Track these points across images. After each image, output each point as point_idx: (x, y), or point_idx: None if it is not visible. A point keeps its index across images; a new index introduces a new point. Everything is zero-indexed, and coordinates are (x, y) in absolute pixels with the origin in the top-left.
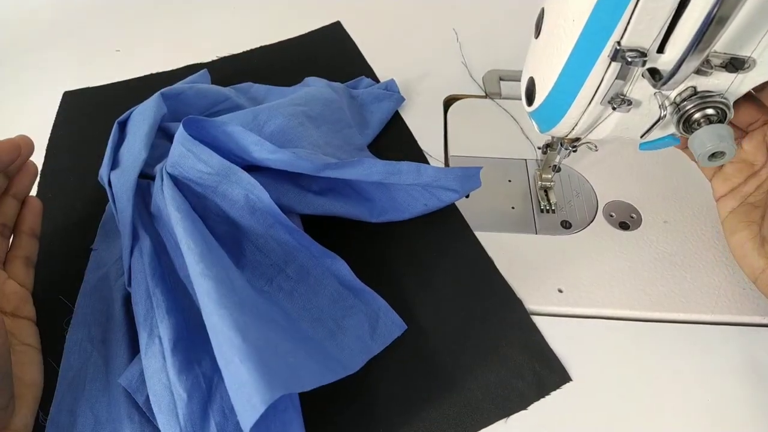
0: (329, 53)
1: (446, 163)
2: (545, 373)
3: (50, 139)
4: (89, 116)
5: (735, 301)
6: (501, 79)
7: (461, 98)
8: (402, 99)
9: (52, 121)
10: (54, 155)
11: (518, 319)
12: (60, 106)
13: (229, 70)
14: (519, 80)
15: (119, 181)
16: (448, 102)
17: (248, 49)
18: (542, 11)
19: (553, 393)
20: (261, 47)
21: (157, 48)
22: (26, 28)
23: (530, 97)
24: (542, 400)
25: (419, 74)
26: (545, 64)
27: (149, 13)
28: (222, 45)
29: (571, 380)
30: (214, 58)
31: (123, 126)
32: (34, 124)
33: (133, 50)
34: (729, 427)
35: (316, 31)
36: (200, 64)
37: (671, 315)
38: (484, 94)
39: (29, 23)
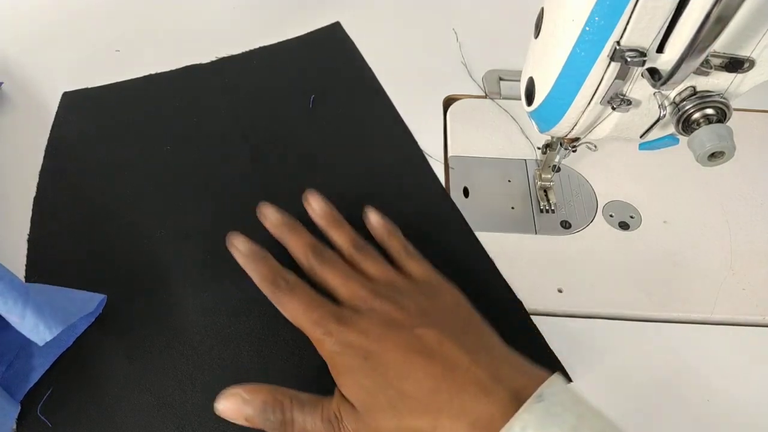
0: (328, 54)
1: (446, 163)
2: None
3: (50, 139)
4: (89, 116)
5: (735, 301)
6: (501, 79)
7: (461, 98)
8: None
9: (52, 121)
10: (54, 155)
11: (518, 319)
12: (59, 106)
13: (229, 70)
14: (519, 80)
15: None
16: (448, 102)
17: (248, 49)
18: (542, 11)
19: None
20: (261, 47)
21: (157, 48)
22: (26, 28)
23: (530, 97)
24: None
25: (419, 74)
26: (545, 64)
27: (149, 13)
28: (222, 45)
29: (571, 381)
30: (214, 58)
31: None
32: (34, 124)
33: (133, 50)
34: (729, 427)
35: (315, 31)
36: (200, 64)
37: (671, 315)
38: (483, 94)
39: (29, 23)
